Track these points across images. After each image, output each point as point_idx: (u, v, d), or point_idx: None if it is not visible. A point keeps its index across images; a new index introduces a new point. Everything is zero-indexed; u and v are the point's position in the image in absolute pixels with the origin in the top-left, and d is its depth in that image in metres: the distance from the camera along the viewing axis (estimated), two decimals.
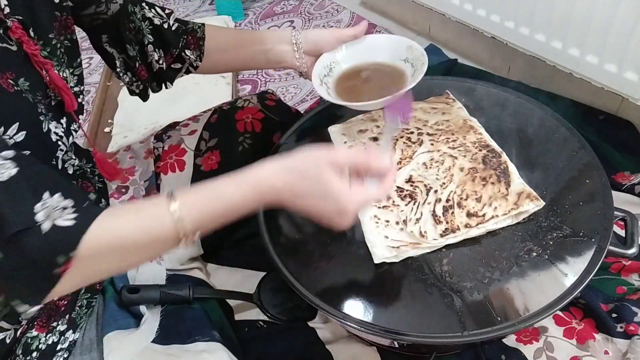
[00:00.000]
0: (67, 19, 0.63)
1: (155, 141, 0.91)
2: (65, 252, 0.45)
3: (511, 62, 1.25)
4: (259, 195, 0.55)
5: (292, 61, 0.80)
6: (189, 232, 0.52)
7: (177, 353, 0.69)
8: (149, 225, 0.51)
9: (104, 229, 0.48)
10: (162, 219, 0.51)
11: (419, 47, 0.77)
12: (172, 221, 0.51)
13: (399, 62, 0.79)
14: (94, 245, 0.47)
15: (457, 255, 0.69)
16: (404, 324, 0.63)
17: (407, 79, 0.76)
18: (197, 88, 1.36)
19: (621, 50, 0.91)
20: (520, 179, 0.74)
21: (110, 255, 0.49)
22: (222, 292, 0.86)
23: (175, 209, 0.51)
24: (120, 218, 0.50)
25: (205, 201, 0.53)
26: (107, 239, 0.48)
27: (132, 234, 0.50)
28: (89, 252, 0.47)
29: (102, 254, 0.48)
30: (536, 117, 0.86)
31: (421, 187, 0.74)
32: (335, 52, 0.79)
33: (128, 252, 0.51)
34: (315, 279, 0.69)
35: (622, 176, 0.97)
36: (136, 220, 0.51)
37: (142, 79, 0.79)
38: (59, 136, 0.61)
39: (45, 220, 0.45)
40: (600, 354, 0.74)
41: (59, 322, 0.67)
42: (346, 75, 0.80)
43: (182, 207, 0.51)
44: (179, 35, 0.77)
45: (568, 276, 0.65)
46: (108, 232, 0.48)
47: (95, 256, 0.48)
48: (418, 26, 1.49)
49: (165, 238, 0.51)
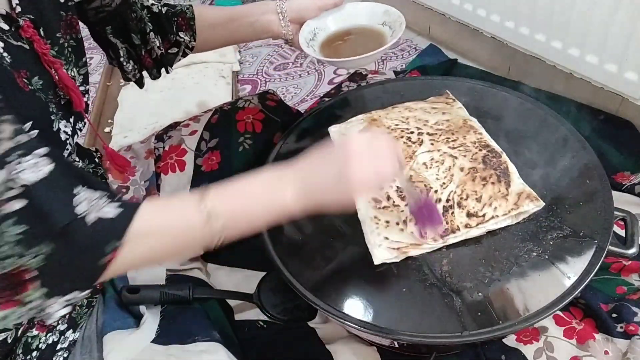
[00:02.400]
0: (72, 18, 0.64)
1: (155, 141, 0.91)
2: (113, 242, 0.48)
3: (511, 62, 1.25)
4: (279, 187, 0.58)
5: (278, 30, 0.83)
6: (219, 227, 0.54)
7: (177, 353, 0.69)
8: (187, 215, 0.53)
9: (145, 219, 0.50)
10: (192, 212, 0.53)
11: (395, 10, 0.82)
12: (201, 214, 0.53)
13: (378, 26, 0.83)
14: (137, 235, 0.49)
15: (457, 255, 0.69)
16: (404, 324, 0.63)
17: (387, 39, 0.80)
18: (197, 88, 1.37)
19: (621, 50, 0.91)
20: (520, 179, 0.74)
21: (152, 244, 0.52)
22: (222, 292, 0.86)
23: (207, 203, 0.53)
24: (160, 210, 0.53)
25: (236, 197, 0.56)
26: (149, 229, 0.51)
27: (171, 224, 0.53)
28: (133, 241, 0.49)
29: (145, 243, 0.51)
30: (536, 117, 0.86)
31: (422, 188, 0.74)
32: (318, 19, 0.83)
33: (167, 243, 0.53)
34: (315, 279, 0.69)
35: (622, 176, 0.97)
36: (176, 211, 0.54)
37: (147, 66, 0.81)
38: (67, 135, 0.62)
39: (87, 212, 0.47)
40: (600, 354, 0.74)
41: (59, 322, 0.67)
42: (330, 40, 0.84)
43: (213, 201, 0.54)
44: (169, 19, 0.79)
45: (568, 276, 0.65)
46: (150, 222, 0.51)
47: (139, 245, 0.50)
48: (418, 26, 1.50)
49: (197, 230, 0.53)
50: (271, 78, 1.45)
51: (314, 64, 1.47)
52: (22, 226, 0.44)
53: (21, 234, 0.44)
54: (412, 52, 1.44)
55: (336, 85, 1.33)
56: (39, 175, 0.45)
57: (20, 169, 0.44)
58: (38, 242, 0.45)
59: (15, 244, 0.44)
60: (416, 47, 1.46)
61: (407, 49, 1.46)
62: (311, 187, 0.58)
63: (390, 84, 1.00)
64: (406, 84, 0.98)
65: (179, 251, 0.56)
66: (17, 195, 0.44)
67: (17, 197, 0.44)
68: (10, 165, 0.44)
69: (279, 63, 1.50)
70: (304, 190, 0.58)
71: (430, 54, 1.40)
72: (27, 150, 0.45)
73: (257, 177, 0.58)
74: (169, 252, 0.56)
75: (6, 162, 0.44)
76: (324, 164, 0.59)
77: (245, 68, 1.51)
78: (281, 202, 0.57)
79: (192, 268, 0.88)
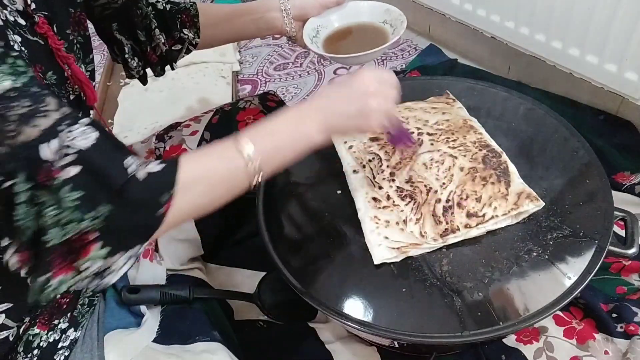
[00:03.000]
0: (80, 15, 0.65)
1: (156, 141, 0.91)
2: (166, 191, 0.51)
3: (511, 62, 1.25)
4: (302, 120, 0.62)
5: (281, 27, 0.84)
6: (257, 166, 0.57)
7: (178, 353, 0.69)
8: (226, 159, 0.57)
9: (190, 168, 0.53)
10: (230, 153, 0.57)
11: (396, 9, 0.83)
12: (241, 157, 0.56)
13: (379, 24, 0.85)
14: (186, 183, 0.52)
15: (457, 255, 0.69)
16: (404, 324, 0.63)
17: (389, 37, 0.81)
18: (197, 88, 1.37)
19: (621, 50, 0.91)
20: (520, 179, 0.74)
21: (201, 190, 0.55)
22: (222, 292, 0.86)
23: (243, 145, 0.57)
24: (201, 158, 0.57)
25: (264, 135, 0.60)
26: (196, 176, 0.54)
27: (216, 169, 0.56)
28: (184, 187, 0.52)
29: (195, 190, 0.54)
30: (536, 117, 0.86)
31: (421, 187, 0.74)
32: (321, 16, 0.85)
33: (216, 187, 0.56)
34: (315, 279, 0.69)
35: (622, 176, 0.97)
36: (214, 156, 0.57)
37: (152, 63, 0.82)
38: None
39: (137, 170, 0.50)
40: (600, 354, 0.74)
41: (61, 320, 0.67)
42: (332, 37, 0.85)
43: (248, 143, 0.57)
44: (173, 16, 0.80)
45: (568, 276, 0.65)
46: (195, 170, 0.54)
47: (190, 191, 0.53)
48: (418, 26, 1.50)
49: (239, 171, 0.57)
50: (271, 78, 1.45)
51: (314, 64, 1.47)
52: (79, 191, 0.46)
53: (79, 199, 0.46)
54: (412, 52, 1.44)
55: None
56: (89, 142, 0.47)
57: (71, 136, 0.46)
58: (96, 204, 0.47)
59: (74, 209, 0.45)
60: (416, 47, 1.46)
61: (407, 49, 1.46)
62: (332, 117, 0.63)
63: None
64: (406, 84, 0.98)
65: (227, 193, 0.58)
66: (73, 162, 0.45)
67: (73, 163, 0.45)
68: (62, 133, 0.46)
69: (279, 63, 1.50)
70: (326, 121, 0.62)
71: (430, 54, 1.41)
72: (73, 120, 0.47)
73: (281, 117, 0.62)
74: (218, 196, 0.57)
75: (58, 131, 0.46)
76: (341, 94, 0.64)
77: (245, 68, 1.51)
78: (307, 135, 0.61)
79: (192, 268, 0.88)
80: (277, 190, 0.81)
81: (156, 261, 0.83)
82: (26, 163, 0.44)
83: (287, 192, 0.81)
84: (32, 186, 0.45)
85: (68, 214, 0.45)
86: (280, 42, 1.57)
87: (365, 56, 0.76)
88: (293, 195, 0.81)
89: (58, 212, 0.45)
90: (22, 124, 0.44)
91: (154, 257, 0.82)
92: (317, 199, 0.80)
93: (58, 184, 0.45)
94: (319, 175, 0.83)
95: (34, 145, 0.44)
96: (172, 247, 0.85)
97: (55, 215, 0.45)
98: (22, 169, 0.44)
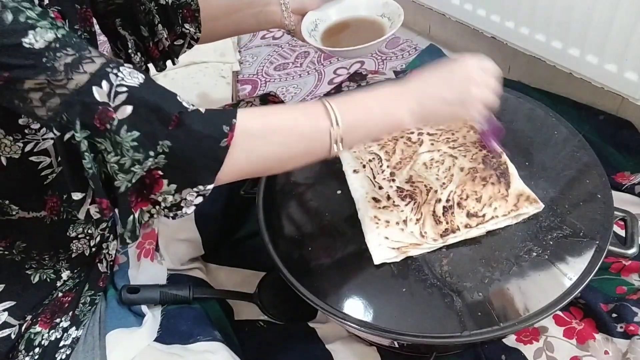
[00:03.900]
0: (86, 12, 0.65)
1: None
2: (228, 121, 0.50)
3: (511, 62, 1.25)
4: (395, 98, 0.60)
5: (280, 21, 0.84)
6: (341, 133, 0.55)
7: (179, 352, 0.69)
8: (304, 116, 0.56)
9: (258, 113, 0.54)
10: (315, 111, 0.56)
11: (393, 2, 0.84)
12: (328, 118, 0.55)
13: (377, 17, 0.85)
14: (252, 124, 0.52)
15: (457, 255, 0.69)
16: (404, 324, 0.63)
17: (386, 30, 0.82)
18: (197, 88, 1.36)
19: (621, 50, 0.91)
20: (520, 180, 0.74)
21: (268, 137, 0.54)
22: (222, 292, 0.86)
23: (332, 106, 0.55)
24: (282, 108, 0.58)
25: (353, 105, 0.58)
26: (262, 120, 0.54)
27: (287, 120, 0.55)
28: (248, 128, 0.51)
29: (261, 134, 0.53)
30: (536, 117, 0.86)
31: (421, 187, 0.74)
32: (319, 10, 0.85)
33: (284, 140, 0.55)
34: (315, 279, 0.69)
35: (622, 176, 0.97)
36: (290, 111, 0.57)
37: (154, 58, 0.82)
38: None
39: (194, 106, 0.50)
40: (600, 354, 0.74)
41: (62, 319, 0.67)
42: (330, 30, 0.86)
43: (337, 108, 0.55)
44: (175, 10, 0.80)
45: (568, 276, 0.65)
46: (262, 116, 0.54)
47: (255, 135, 0.53)
48: (418, 26, 1.50)
49: (322, 132, 0.55)
50: (271, 78, 1.45)
51: (314, 64, 1.47)
52: (136, 131, 0.47)
53: (137, 140, 0.46)
54: (412, 52, 1.44)
55: (336, 85, 1.33)
56: (138, 80, 0.48)
57: (121, 76, 0.47)
58: (155, 142, 0.47)
59: (134, 150, 0.47)
60: (416, 47, 1.46)
61: (407, 49, 1.46)
62: (429, 100, 0.61)
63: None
64: None
65: (304, 153, 0.57)
66: (125, 101, 0.46)
67: (125, 102, 0.46)
68: (111, 75, 0.46)
69: (279, 63, 1.50)
70: (421, 104, 0.60)
71: (430, 54, 1.40)
72: (119, 64, 0.48)
73: (374, 92, 0.60)
74: (294, 152, 0.56)
75: (107, 73, 0.46)
76: (441, 78, 0.62)
77: (245, 68, 1.51)
78: (397, 115, 0.60)
79: (192, 268, 0.88)
80: (277, 190, 0.81)
81: (157, 261, 0.83)
82: (81, 109, 0.45)
83: (287, 192, 0.81)
84: (91, 134, 0.46)
85: (130, 156, 0.46)
86: (280, 42, 1.57)
87: (362, 49, 0.76)
88: (293, 195, 0.81)
89: (119, 157, 0.46)
90: (71, 71, 0.45)
91: (154, 256, 0.82)
92: (317, 199, 0.80)
93: (115, 127, 0.46)
94: (319, 175, 0.83)
95: (87, 90, 0.45)
96: (172, 247, 0.85)
97: (117, 161, 0.46)
98: (79, 116, 0.45)
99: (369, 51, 0.79)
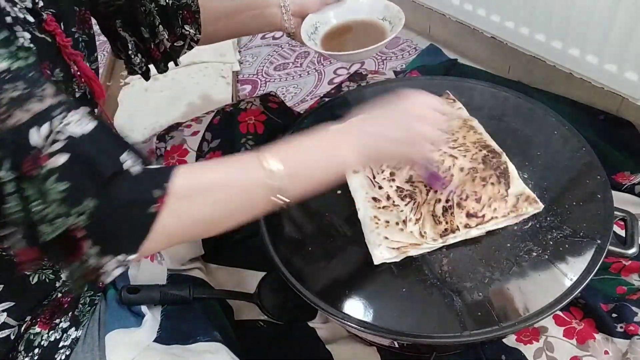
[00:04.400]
0: (85, 13, 0.65)
1: (157, 141, 0.91)
2: (159, 186, 0.47)
3: (511, 62, 1.25)
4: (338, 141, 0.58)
5: (280, 23, 0.83)
6: (280, 184, 0.52)
7: (179, 353, 0.69)
8: (236, 170, 0.53)
9: (191, 172, 0.51)
10: (251, 166, 0.53)
11: (394, 5, 0.83)
12: (262, 169, 0.52)
13: (378, 21, 0.85)
14: (183, 185, 0.49)
15: (457, 255, 0.69)
16: (404, 324, 0.63)
17: (387, 34, 0.81)
18: (197, 88, 1.37)
19: (621, 50, 0.91)
20: (520, 180, 0.74)
21: (200, 198, 0.51)
22: (222, 292, 0.86)
23: (266, 157, 0.52)
24: (214, 164, 0.54)
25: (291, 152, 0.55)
26: (195, 180, 0.51)
27: (219, 177, 0.52)
28: (180, 190, 0.48)
29: (192, 195, 0.50)
30: (536, 117, 0.86)
31: (421, 187, 0.74)
32: (320, 13, 0.84)
33: (217, 198, 0.52)
34: (315, 279, 0.69)
35: (622, 176, 0.97)
36: (222, 166, 0.53)
37: (155, 59, 0.82)
38: None
39: (133, 166, 0.47)
40: (600, 354, 0.74)
41: (62, 320, 0.67)
42: (331, 34, 0.85)
43: (273, 158, 0.53)
44: (175, 12, 0.80)
45: (568, 276, 0.65)
46: (195, 174, 0.51)
47: (186, 197, 0.49)
48: (418, 26, 1.50)
49: (258, 184, 0.52)
50: (271, 78, 1.45)
51: (314, 64, 1.47)
52: (65, 183, 0.43)
53: (65, 191, 0.43)
54: (412, 52, 1.44)
55: (336, 85, 1.33)
56: (84, 130, 0.45)
57: (65, 122, 0.44)
58: (82, 198, 0.44)
59: (60, 203, 0.43)
60: (416, 47, 1.46)
61: (407, 49, 1.46)
62: (375, 141, 0.59)
63: (390, 84, 1.00)
64: (406, 84, 0.98)
65: (242, 209, 0.54)
66: (61, 149, 0.43)
67: (61, 150, 0.43)
68: (55, 119, 0.44)
69: (279, 63, 1.50)
70: (367, 144, 0.58)
71: (430, 54, 1.40)
72: (71, 106, 0.45)
73: (315, 135, 0.58)
74: (230, 210, 0.53)
75: (52, 117, 0.43)
76: (387, 116, 0.61)
77: (245, 68, 1.51)
78: (342, 158, 0.58)
79: (192, 268, 0.88)
80: None
81: (157, 261, 0.83)
82: (13, 149, 0.42)
83: None
84: (17, 177, 0.43)
85: (54, 208, 0.43)
86: (280, 42, 1.57)
87: (362, 53, 0.76)
88: None
89: (44, 207, 0.43)
90: (14, 107, 0.42)
91: (154, 257, 0.82)
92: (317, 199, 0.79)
93: (44, 174, 0.43)
94: None
95: (24, 130, 0.42)
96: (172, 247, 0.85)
97: (41, 211, 0.43)
98: (9, 156, 0.42)
99: (370, 55, 0.79)
